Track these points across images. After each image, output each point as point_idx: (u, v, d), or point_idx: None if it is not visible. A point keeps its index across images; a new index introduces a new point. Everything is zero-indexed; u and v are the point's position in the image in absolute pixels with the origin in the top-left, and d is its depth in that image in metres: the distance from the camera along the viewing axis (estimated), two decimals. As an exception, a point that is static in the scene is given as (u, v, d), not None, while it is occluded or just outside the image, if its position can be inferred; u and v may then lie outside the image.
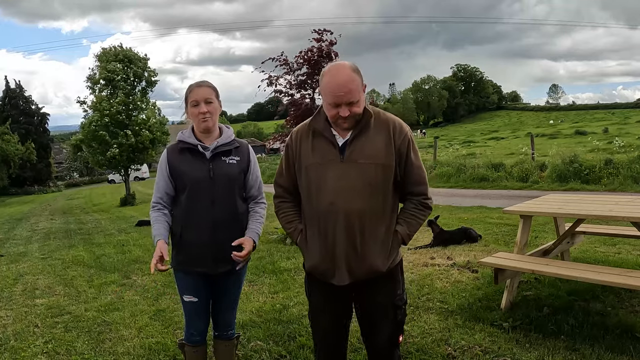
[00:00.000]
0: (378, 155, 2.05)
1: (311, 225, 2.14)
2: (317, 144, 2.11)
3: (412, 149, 2.12)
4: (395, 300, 2.17)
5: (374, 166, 2.04)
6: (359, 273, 2.08)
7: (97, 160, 18.99)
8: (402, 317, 2.21)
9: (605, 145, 18.00)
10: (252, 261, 5.63)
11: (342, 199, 2.03)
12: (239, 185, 2.49)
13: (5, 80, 46.64)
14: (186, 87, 2.50)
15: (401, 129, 2.11)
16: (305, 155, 2.13)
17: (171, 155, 2.46)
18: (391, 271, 2.15)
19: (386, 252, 2.10)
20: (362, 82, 2.05)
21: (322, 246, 2.10)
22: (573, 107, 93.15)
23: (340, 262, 2.07)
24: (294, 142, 2.19)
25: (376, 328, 2.21)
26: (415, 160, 2.12)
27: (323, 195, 2.06)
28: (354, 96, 1.99)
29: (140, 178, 40.68)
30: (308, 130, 2.16)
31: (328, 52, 6.88)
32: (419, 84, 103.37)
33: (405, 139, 2.10)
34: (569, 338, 3.10)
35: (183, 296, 2.53)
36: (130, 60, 18.74)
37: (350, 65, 2.03)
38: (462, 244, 5.96)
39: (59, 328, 4.04)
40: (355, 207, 2.03)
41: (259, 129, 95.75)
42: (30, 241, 9.90)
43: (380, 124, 2.10)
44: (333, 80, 2.00)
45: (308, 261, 2.22)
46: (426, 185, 2.15)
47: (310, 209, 2.14)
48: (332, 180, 2.05)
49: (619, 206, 3.56)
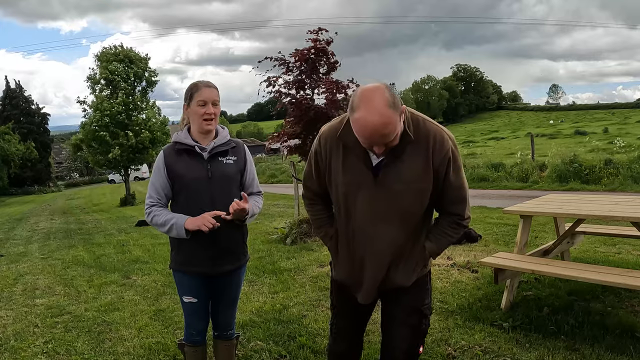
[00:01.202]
0: (415, 179, 1.86)
1: (342, 243, 2.06)
2: (347, 160, 1.92)
3: (453, 167, 1.89)
4: (421, 307, 2.08)
5: (410, 192, 1.87)
6: (383, 291, 2.06)
7: (97, 160, 19.00)
8: (425, 327, 2.11)
9: (605, 145, 18.01)
10: (252, 261, 5.63)
11: (371, 224, 1.93)
12: (236, 185, 2.49)
13: (6, 80, 46.75)
14: (186, 86, 2.47)
15: (442, 146, 1.86)
16: (335, 170, 1.95)
17: (168, 156, 2.44)
18: (417, 281, 2.06)
19: (411, 270, 2.03)
20: (399, 111, 1.73)
21: (351, 265, 2.05)
22: (573, 107, 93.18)
23: (367, 284, 2.02)
24: (323, 149, 1.99)
25: (396, 332, 2.11)
26: (455, 180, 1.91)
27: (354, 219, 1.96)
28: (390, 137, 1.74)
29: (140, 178, 40.68)
30: (338, 142, 1.93)
31: (324, 50, 6.88)
32: (419, 84, 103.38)
33: (446, 157, 1.86)
34: (569, 338, 3.10)
35: (182, 297, 2.53)
36: (131, 60, 18.75)
37: (386, 98, 1.68)
38: (462, 244, 5.96)
39: (59, 328, 4.04)
40: (385, 235, 1.92)
41: (259, 129, 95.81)
42: (30, 241, 9.91)
43: (420, 141, 1.85)
44: (366, 122, 1.70)
45: (336, 274, 2.16)
46: (465, 205, 1.98)
47: (340, 226, 2.05)
48: (364, 205, 1.91)
49: (618, 206, 3.56)
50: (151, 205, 2.42)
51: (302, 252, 6.22)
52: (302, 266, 5.49)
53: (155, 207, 2.41)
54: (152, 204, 2.42)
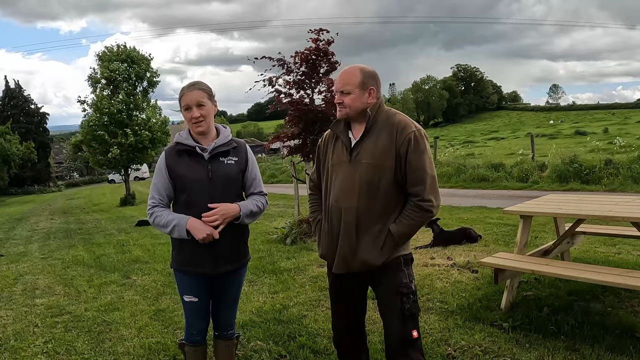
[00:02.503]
0: (377, 155, 2.18)
1: (325, 220, 2.37)
2: (336, 147, 2.34)
3: (414, 150, 2.16)
4: (399, 287, 2.20)
5: (372, 166, 2.18)
6: (353, 266, 2.25)
7: (97, 160, 19.00)
8: (410, 307, 2.20)
9: (605, 145, 18.01)
10: (252, 261, 5.63)
11: (343, 196, 2.23)
12: (237, 185, 2.49)
13: (5, 80, 46.74)
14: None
15: (404, 130, 2.18)
16: (328, 157, 2.37)
17: (169, 157, 2.45)
18: (390, 264, 2.23)
19: (378, 248, 2.20)
20: (369, 84, 2.23)
21: (329, 239, 2.33)
22: (573, 107, 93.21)
23: (339, 254, 2.27)
24: (322, 144, 2.45)
25: (385, 319, 2.28)
26: (416, 162, 2.16)
27: (331, 193, 2.29)
28: (346, 87, 2.23)
29: (140, 178, 40.69)
30: (333, 134, 2.39)
31: (325, 51, 6.87)
32: (418, 84, 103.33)
33: (406, 139, 2.16)
34: (569, 338, 3.10)
35: (183, 296, 2.53)
36: (132, 60, 18.74)
37: (362, 66, 2.27)
38: (462, 244, 5.95)
39: (58, 328, 4.04)
40: (351, 205, 2.21)
41: (259, 129, 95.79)
42: (30, 241, 9.91)
43: (388, 125, 2.22)
44: (340, 72, 2.31)
45: (320, 249, 2.44)
46: (424, 186, 2.15)
47: (324, 204, 2.38)
48: (339, 180, 2.26)
49: (618, 206, 3.56)
50: (153, 206, 2.43)
51: (302, 252, 6.22)
52: (302, 266, 5.49)
53: (157, 208, 2.42)
54: (154, 205, 2.43)
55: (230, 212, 2.37)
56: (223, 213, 2.35)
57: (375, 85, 2.25)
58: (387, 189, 2.18)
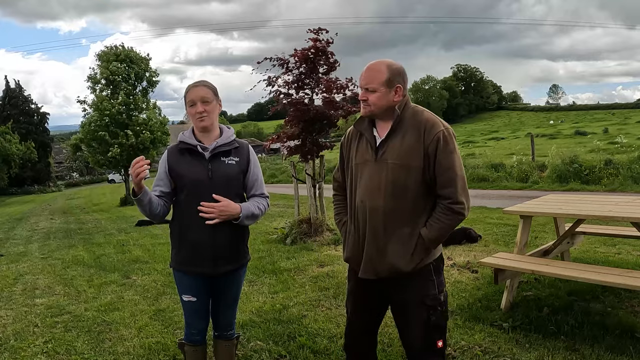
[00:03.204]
0: (405, 155, 2.07)
1: (351, 221, 2.27)
2: (360, 145, 2.23)
3: (443, 149, 2.05)
4: (426, 299, 2.11)
5: (399, 166, 2.07)
6: (381, 270, 2.13)
7: (97, 160, 19.00)
8: (437, 319, 2.12)
9: (605, 145, 18.00)
10: (252, 261, 5.63)
11: (368, 196, 2.13)
12: (238, 185, 2.48)
13: (5, 80, 46.67)
14: (185, 86, 2.50)
15: (432, 128, 2.06)
16: (351, 155, 2.27)
17: (171, 156, 2.47)
18: (420, 271, 2.11)
19: (409, 253, 2.09)
20: (395, 82, 2.10)
21: (355, 240, 2.22)
22: (573, 107, 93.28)
23: (366, 257, 2.16)
24: (346, 142, 2.33)
25: (406, 329, 2.19)
26: (445, 162, 2.04)
27: (357, 193, 2.19)
28: (371, 84, 2.10)
29: (140, 178, 40.60)
30: (356, 132, 2.28)
31: (324, 50, 6.86)
32: (419, 84, 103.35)
33: (435, 138, 2.04)
34: (569, 338, 3.10)
35: (182, 296, 2.53)
36: (132, 60, 18.74)
37: (389, 61, 2.14)
38: (462, 244, 5.96)
39: (58, 328, 4.03)
40: (377, 205, 2.10)
41: (259, 129, 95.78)
42: (30, 241, 9.91)
43: (415, 124, 2.10)
44: (366, 66, 2.16)
45: (344, 252, 2.34)
46: (454, 188, 2.05)
47: (350, 205, 2.28)
48: (364, 180, 2.16)
49: (618, 206, 3.56)
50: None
51: (302, 252, 6.22)
52: (302, 266, 5.49)
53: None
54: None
55: (229, 211, 2.36)
56: (222, 209, 2.34)
57: (402, 83, 2.12)
58: (415, 190, 2.07)
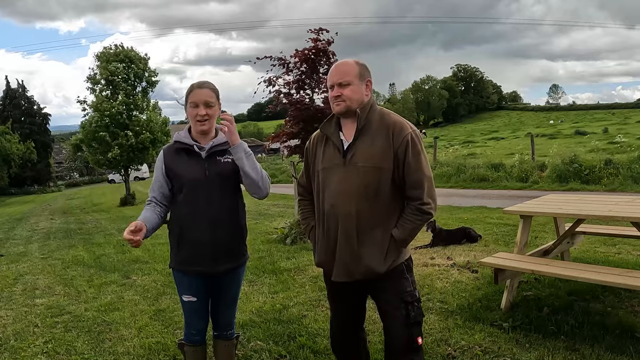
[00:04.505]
0: (375, 157, 2.11)
1: (319, 225, 2.27)
2: (326, 149, 2.24)
3: (412, 151, 2.10)
4: (403, 296, 2.16)
5: (370, 169, 2.10)
6: (356, 273, 2.16)
7: (97, 160, 18.99)
8: (415, 315, 2.17)
9: (605, 145, 18.01)
10: (252, 261, 5.63)
11: (340, 201, 2.14)
12: (234, 183, 2.49)
13: (6, 80, 46.54)
14: (185, 87, 2.50)
15: (401, 131, 2.12)
16: (317, 160, 2.27)
17: (167, 155, 2.47)
18: (393, 270, 2.17)
19: (383, 255, 2.13)
20: (366, 76, 2.17)
21: (326, 245, 2.23)
22: (573, 107, 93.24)
23: (338, 261, 2.18)
24: (311, 146, 2.34)
25: (388, 328, 2.22)
26: (413, 164, 2.10)
27: (326, 197, 2.19)
28: (345, 78, 2.13)
29: (140, 178, 40.64)
30: (322, 135, 2.28)
31: (325, 50, 6.86)
32: (418, 84, 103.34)
33: (404, 141, 2.10)
34: (569, 338, 3.10)
35: (182, 296, 2.53)
36: (131, 60, 18.73)
37: (355, 59, 2.19)
38: (462, 244, 5.95)
39: (58, 328, 4.03)
40: (351, 209, 2.12)
41: (259, 129, 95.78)
42: (30, 241, 9.91)
43: (383, 126, 2.14)
44: (334, 65, 2.22)
45: (315, 257, 2.35)
46: (423, 189, 2.11)
47: (318, 210, 2.28)
48: (334, 184, 2.16)
49: (618, 206, 3.56)
50: (148, 203, 2.49)
51: (302, 252, 6.22)
52: (302, 266, 5.49)
53: (146, 205, 2.48)
54: (148, 202, 2.49)
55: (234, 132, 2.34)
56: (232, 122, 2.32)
57: (371, 78, 2.19)
58: (386, 192, 2.12)
